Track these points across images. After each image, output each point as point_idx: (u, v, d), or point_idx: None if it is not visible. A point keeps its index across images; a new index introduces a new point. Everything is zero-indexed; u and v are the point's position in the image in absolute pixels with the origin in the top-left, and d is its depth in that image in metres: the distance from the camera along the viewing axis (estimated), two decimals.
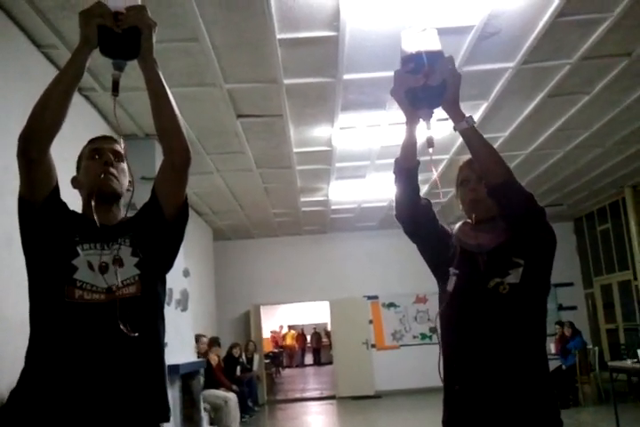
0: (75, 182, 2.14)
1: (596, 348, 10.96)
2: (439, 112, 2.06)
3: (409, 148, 2.16)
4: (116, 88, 1.92)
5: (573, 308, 13.12)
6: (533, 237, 2.07)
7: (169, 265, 2.16)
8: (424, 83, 1.94)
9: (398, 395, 12.86)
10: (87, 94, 5.72)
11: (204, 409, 8.26)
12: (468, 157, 2.26)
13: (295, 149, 7.80)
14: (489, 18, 4.85)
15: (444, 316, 2.19)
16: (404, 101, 2.04)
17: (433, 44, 1.98)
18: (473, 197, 2.20)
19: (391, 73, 2.03)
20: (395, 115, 6.76)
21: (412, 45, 1.98)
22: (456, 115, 2.00)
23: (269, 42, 4.99)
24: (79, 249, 1.95)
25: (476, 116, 2.03)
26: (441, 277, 2.27)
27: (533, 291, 2.11)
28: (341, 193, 10.37)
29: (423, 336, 13.77)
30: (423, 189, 2.23)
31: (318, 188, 9.98)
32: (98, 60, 1.97)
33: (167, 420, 2.01)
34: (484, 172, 2.06)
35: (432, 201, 2.35)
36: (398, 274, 13.61)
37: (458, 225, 2.32)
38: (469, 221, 2.29)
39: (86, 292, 1.89)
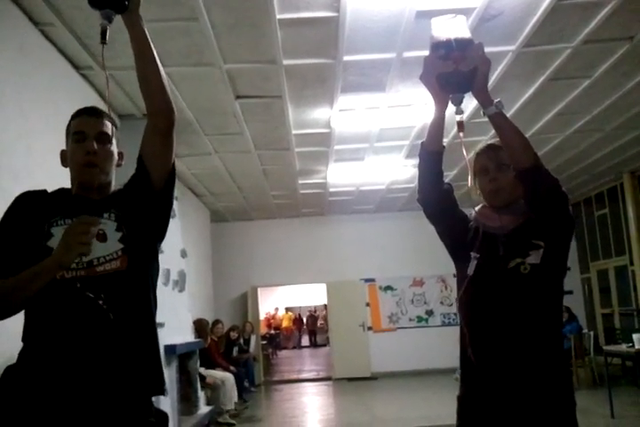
0: (63, 159, 2.11)
1: (591, 332, 11.02)
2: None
3: (436, 131, 2.20)
4: (104, 36, 1.87)
5: (569, 292, 13.14)
6: (555, 220, 2.13)
7: (160, 236, 2.15)
8: (455, 68, 1.99)
9: (394, 377, 12.96)
10: (85, 73, 5.68)
11: (202, 387, 8.31)
12: (482, 144, 2.32)
13: (294, 131, 7.78)
14: (490, 0, 4.81)
15: (464, 298, 2.22)
16: (435, 86, 2.08)
17: (463, 30, 2.04)
18: (494, 186, 2.24)
19: (391, 55, 2.06)
20: (394, 97, 6.73)
21: (442, 32, 2.03)
22: (485, 100, 2.05)
23: (269, 22, 4.95)
24: (53, 231, 1.94)
25: (474, 101, 2.06)
26: (459, 259, 2.31)
27: (553, 272, 2.17)
28: (340, 176, 10.36)
29: (419, 319, 13.83)
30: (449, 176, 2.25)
31: (317, 170, 9.97)
32: (94, 38, 1.95)
33: (162, 393, 2.02)
34: (512, 156, 2.10)
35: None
36: (395, 257, 13.66)
37: (477, 208, 2.35)
38: (487, 205, 2.32)
39: (66, 271, 1.89)
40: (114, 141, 2.09)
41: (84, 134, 2.03)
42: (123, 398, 1.88)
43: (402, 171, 10.21)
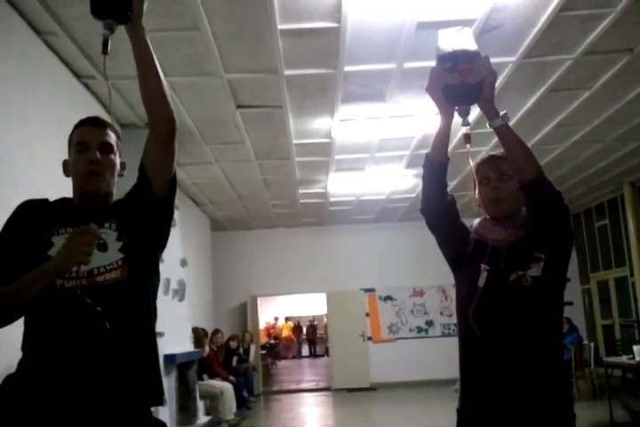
0: (65, 168, 2.11)
1: (592, 343, 10.98)
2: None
3: (441, 143, 2.21)
4: (105, 47, 1.88)
5: (570, 303, 13.10)
6: (555, 233, 2.13)
7: (161, 245, 2.14)
8: (461, 81, 2.00)
9: (393, 388, 12.90)
10: (86, 82, 5.70)
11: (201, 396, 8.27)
12: (483, 155, 2.32)
13: (294, 141, 7.79)
14: (491, 11, 4.83)
15: (476, 310, 2.19)
16: (441, 98, 2.09)
17: (469, 43, 2.04)
18: (495, 195, 2.24)
19: (392, 65, 2.07)
20: (395, 108, 6.75)
21: (448, 44, 2.04)
22: (491, 112, 2.06)
23: (270, 32, 4.98)
24: (54, 240, 1.94)
25: (475, 111, 2.08)
26: (459, 271, 2.32)
27: (553, 284, 2.17)
28: (340, 185, 10.36)
29: (419, 330, 13.80)
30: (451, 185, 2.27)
31: (317, 180, 9.98)
32: (96, 48, 1.95)
33: (161, 403, 2.00)
34: (516, 168, 2.10)
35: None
36: (395, 267, 13.64)
37: (477, 221, 2.36)
38: (487, 217, 2.32)
39: (66, 280, 1.88)
40: (116, 151, 2.09)
41: (87, 144, 2.04)
42: (122, 408, 1.87)
43: (402, 181, 10.22)
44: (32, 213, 2.03)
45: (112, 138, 2.09)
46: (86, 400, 1.82)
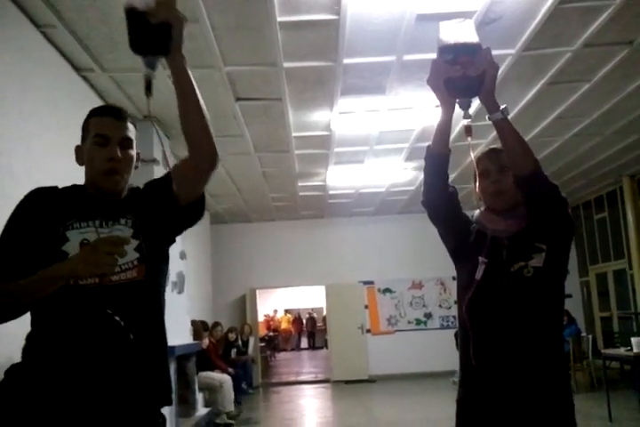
0: (78, 156, 2.03)
1: (590, 336, 11.01)
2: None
3: (443, 134, 2.21)
4: (149, 88, 1.80)
5: (569, 296, 13.07)
6: (555, 225, 2.15)
7: (171, 241, 2.10)
8: (463, 73, 2.00)
9: (392, 380, 12.94)
10: (85, 75, 5.68)
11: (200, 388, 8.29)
12: (482, 148, 2.34)
13: (294, 134, 7.78)
14: (491, 3, 4.82)
15: (471, 303, 2.21)
16: (442, 90, 2.09)
17: (471, 35, 2.03)
18: (496, 188, 2.25)
19: (391, 58, 2.06)
20: (394, 100, 6.74)
21: (450, 36, 2.03)
22: (492, 105, 2.06)
23: (270, 25, 4.96)
24: (68, 234, 1.88)
25: (475, 104, 2.08)
26: (460, 262, 2.33)
27: (555, 275, 2.19)
28: (339, 178, 10.36)
29: (418, 322, 13.83)
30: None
31: (316, 172, 9.97)
32: (95, 40, 1.94)
33: (170, 403, 1.97)
34: (513, 162, 2.11)
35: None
36: (394, 260, 13.66)
37: (478, 212, 2.37)
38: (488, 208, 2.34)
39: (79, 278, 1.81)
40: (134, 151, 2.03)
41: (108, 138, 1.96)
42: (133, 408, 1.84)
43: (401, 173, 10.22)
44: (43, 202, 1.94)
45: (132, 132, 2.03)
46: (97, 400, 1.78)
